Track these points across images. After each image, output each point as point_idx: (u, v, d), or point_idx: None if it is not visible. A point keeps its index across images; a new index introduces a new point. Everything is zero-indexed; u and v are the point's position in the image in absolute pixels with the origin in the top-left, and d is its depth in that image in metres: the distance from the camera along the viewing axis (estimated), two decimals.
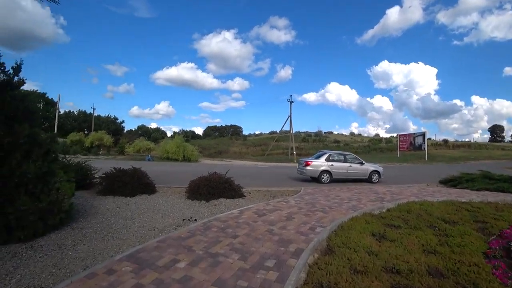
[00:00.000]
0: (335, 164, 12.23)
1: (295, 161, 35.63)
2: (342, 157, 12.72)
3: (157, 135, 70.43)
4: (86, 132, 48.76)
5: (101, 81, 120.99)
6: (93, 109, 51.86)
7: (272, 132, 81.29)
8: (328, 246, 3.99)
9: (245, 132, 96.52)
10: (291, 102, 42.72)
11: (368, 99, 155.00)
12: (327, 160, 12.27)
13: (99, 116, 64.16)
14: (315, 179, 12.14)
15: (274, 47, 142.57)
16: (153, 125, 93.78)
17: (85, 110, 63.49)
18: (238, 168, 22.89)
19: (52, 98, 55.01)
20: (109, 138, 38.92)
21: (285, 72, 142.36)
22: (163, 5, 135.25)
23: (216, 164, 30.07)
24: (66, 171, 5.46)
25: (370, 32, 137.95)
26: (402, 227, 5.11)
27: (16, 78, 4.95)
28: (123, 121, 67.81)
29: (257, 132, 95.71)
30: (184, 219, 5.32)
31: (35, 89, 57.45)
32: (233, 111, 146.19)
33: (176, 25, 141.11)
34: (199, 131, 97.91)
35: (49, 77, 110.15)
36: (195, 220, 5.27)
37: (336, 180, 12.25)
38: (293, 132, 44.52)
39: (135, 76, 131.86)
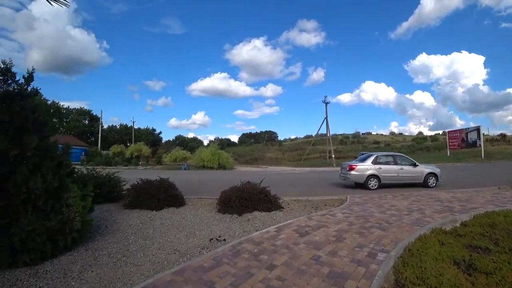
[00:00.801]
0: (383, 167, 10.77)
1: (334, 165, 33.89)
2: (391, 159, 11.20)
3: (193, 144, 72.13)
4: (128, 144, 51.27)
5: (141, 96, 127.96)
6: (133, 122, 54.74)
7: (308, 136, 79.33)
8: (398, 282, 2.92)
9: (280, 137, 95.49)
10: (326, 104, 41.06)
11: (407, 95, 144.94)
12: (374, 162, 10.85)
13: (139, 128, 67.68)
14: (361, 185, 10.78)
15: (304, 51, 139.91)
16: (191, 135, 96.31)
17: (126, 124, 67.20)
18: (274, 174, 21.97)
19: (96, 115, 58.99)
20: (147, 149, 40.32)
21: (317, 75, 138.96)
22: (193, 21, 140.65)
23: (252, 171, 29.49)
24: (85, 185, 4.99)
25: (405, 25, 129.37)
26: (493, 250, 3.85)
27: (29, 88, 4.62)
28: (160, 132, 70.76)
29: (292, 137, 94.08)
30: (211, 239, 4.53)
31: (82, 107, 62.17)
32: (268, 117, 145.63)
33: (208, 37, 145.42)
34: (235, 138, 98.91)
35: (95, 96, 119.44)
36: (224, 240, 4.45)
37: (385, 185, 10.78)
38: (330, 134, 42.59)
39: (172, 90, 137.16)
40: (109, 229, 5.12)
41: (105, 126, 69.44)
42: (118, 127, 69.29)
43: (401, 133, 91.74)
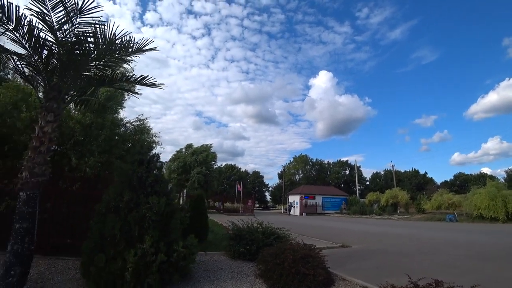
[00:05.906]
0: None
1: None
2: None
3: (479, 183, 55.49)
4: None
5: (412, 138, 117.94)
6: (392, 166, 51.69)
7: None
8: None
9: None
10: None
11: None
12: None
13: (405, 172, 63.06)
14: None
15: None
16: (486, 170, 71.84)
17: (390, 169, 64.94)
18: None
19: (353, 164, 62.45)
20: (404, 195, 35.28)
21: None
22: (445, 40, 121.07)
23: None
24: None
25: None
26: None
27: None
28: (425, 173, 61.53)
29: None
30: None
31: (346, 160, 68.76)
32: None
33: (475, 43, 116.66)
34: None
35: (368, 146, 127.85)
36: None
37: None
38: None
39: (447, 120, 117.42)
40: None
41: (369, 174, 71.61)
42: (382, 172, 68.32)
43: None
